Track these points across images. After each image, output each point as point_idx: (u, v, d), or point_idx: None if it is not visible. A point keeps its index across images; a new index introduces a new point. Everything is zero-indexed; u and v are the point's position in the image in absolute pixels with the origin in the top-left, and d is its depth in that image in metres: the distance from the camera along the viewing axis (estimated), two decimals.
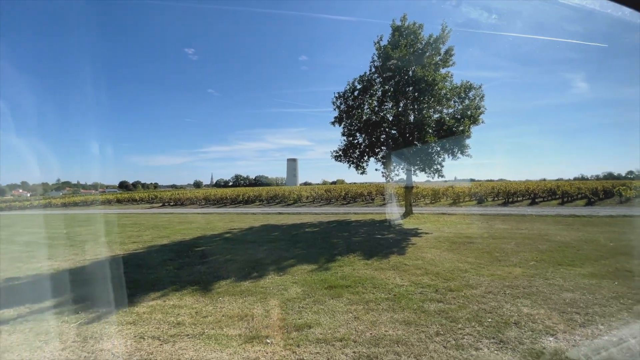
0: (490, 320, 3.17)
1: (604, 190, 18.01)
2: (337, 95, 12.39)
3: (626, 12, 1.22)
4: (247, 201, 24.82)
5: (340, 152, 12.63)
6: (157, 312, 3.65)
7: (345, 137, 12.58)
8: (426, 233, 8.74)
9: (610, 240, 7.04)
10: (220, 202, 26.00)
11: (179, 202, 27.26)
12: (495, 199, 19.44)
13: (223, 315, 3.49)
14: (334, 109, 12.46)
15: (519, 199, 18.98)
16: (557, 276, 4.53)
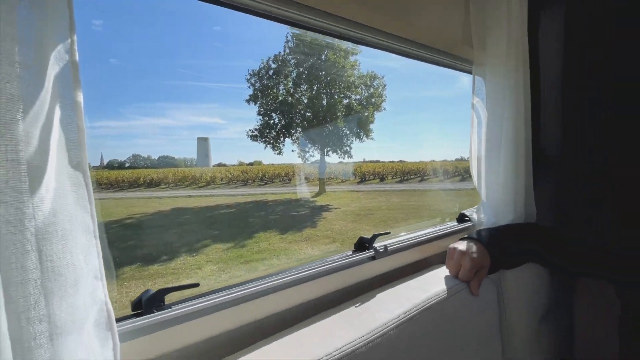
0: None
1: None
2: (251, 72, 12.04)
3: None
4: (151, 184, 22.28)
5: (257, 132, 12.48)
6: None
7: (261, 117, 12.45)
8: (336, 208, 9.62)
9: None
10: (114, 185, 22.58)
11: None
12: (394, 177, 22.38)
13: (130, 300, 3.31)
14: (249, 87, 12.12)
15: (412, 177, 22.30)
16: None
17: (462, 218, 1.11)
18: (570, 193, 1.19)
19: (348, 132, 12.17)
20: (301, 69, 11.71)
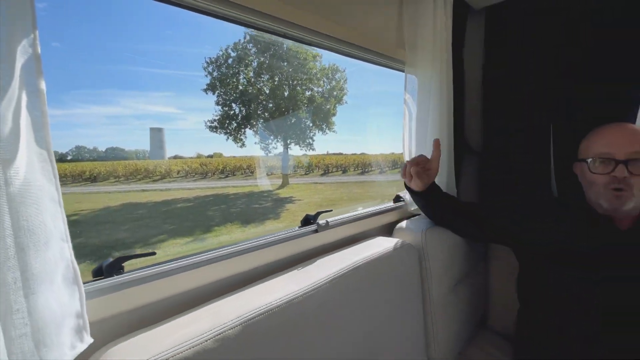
0: None
1: None
2: (208, 60, 11.56)
3: None
4: (97, 179, 20.53)
5: (216, 123, 12.08)
6: None
7: (220, 107, 12.06)
8: (299, 200, 9.75)
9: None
10: None
11: None
12: (356, 169, 23.06)
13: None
14: (206, 75, 11.64)
15: (372, 169, 23.17)
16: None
17: (397, 199, 1.28)
18: (489, 178, 1.41)
19: (311, 124, 12.28)
20: (262, 59, 11.52)
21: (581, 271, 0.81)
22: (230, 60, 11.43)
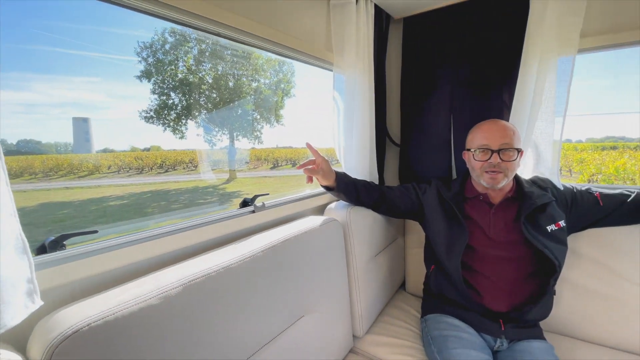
0: None
1: None
2: (142, 45, 10.58)
3: None
4: (8, 176, 17.44)
5: (152, 113, 11.17)
6: None
7: (157, 96, 11.17)
8: (247, 194, 9.62)
9: None
10: None
11: None
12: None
13: None
14: (139, 61, 10.65)
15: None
16: None
17: None
18: (407, 166, 1.66)
19: (259, 116, 12.09)
20: (204, 46, 10.92)
21: (463, 238, 1.04)
22: (167, 46, 10.62)
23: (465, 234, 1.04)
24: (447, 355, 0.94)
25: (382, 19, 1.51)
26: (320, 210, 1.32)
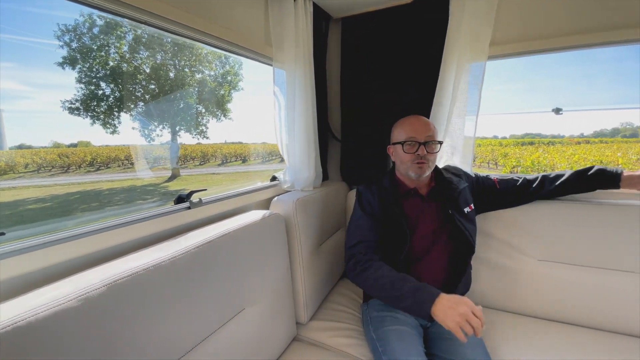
0: None
1: None
2: (64, 28, 9.28)
3: None
4: None
5: (79, 104, 9.90)
6: None
7: (84, 85, 9.92)
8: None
9: None
10: None
11: None
12: (256, 158, 22.84)
13: None
14: (61, 46, 9.34)
15: (274, 157, 23.40)
16: None
17: (273, 178, 1.47)
18: (348, 161, 1.74)
19: (204, 110, 11.45)
20: (139, 31, 9.97)
21: (400, 231, 1.09)
22: (96, 30, 9.47)
23: (408, 235, 1.07)
24: (381, 333, 1.02)
25: (321, 17, 1.56)
26: (266, 204, 1.33)
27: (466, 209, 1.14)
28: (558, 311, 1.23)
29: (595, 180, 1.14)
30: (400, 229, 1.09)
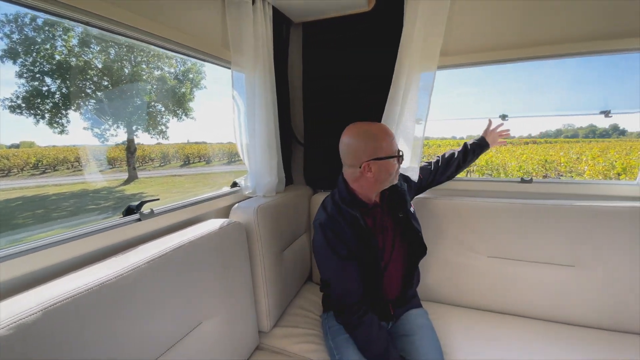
0: None
1: None
2: (4, 18, 8.31)
3: None
4: None
5: (20, 101, 8.93)
6: None
7: (26, 81, 8.96)
8: (152, 196, 8.61)
9: None
10: None
11: None
12: (222, 159, 22.15)
13: None
14: (0, 38, 8.35)
15: (239, 158, 22.83)
16: None
17: (234, 184, 1.44)
18: (311, 165, 1.75)
19: (163, 108, 10.87)
20: (90, 26, 9.22)
21: (374, 260, 1.04)
22: (39, 21, 8.60)
23: (378, 255, 1.04)
24: (339, 341, 1.05)
25: (282, 21, 1.55)
26: (226, 211, 1.30)
27: (412, 209, 1.18)
28: (505, 304, 1.34)
29: (476, 149, 1.37)
30: (375, 259, 1.05)
